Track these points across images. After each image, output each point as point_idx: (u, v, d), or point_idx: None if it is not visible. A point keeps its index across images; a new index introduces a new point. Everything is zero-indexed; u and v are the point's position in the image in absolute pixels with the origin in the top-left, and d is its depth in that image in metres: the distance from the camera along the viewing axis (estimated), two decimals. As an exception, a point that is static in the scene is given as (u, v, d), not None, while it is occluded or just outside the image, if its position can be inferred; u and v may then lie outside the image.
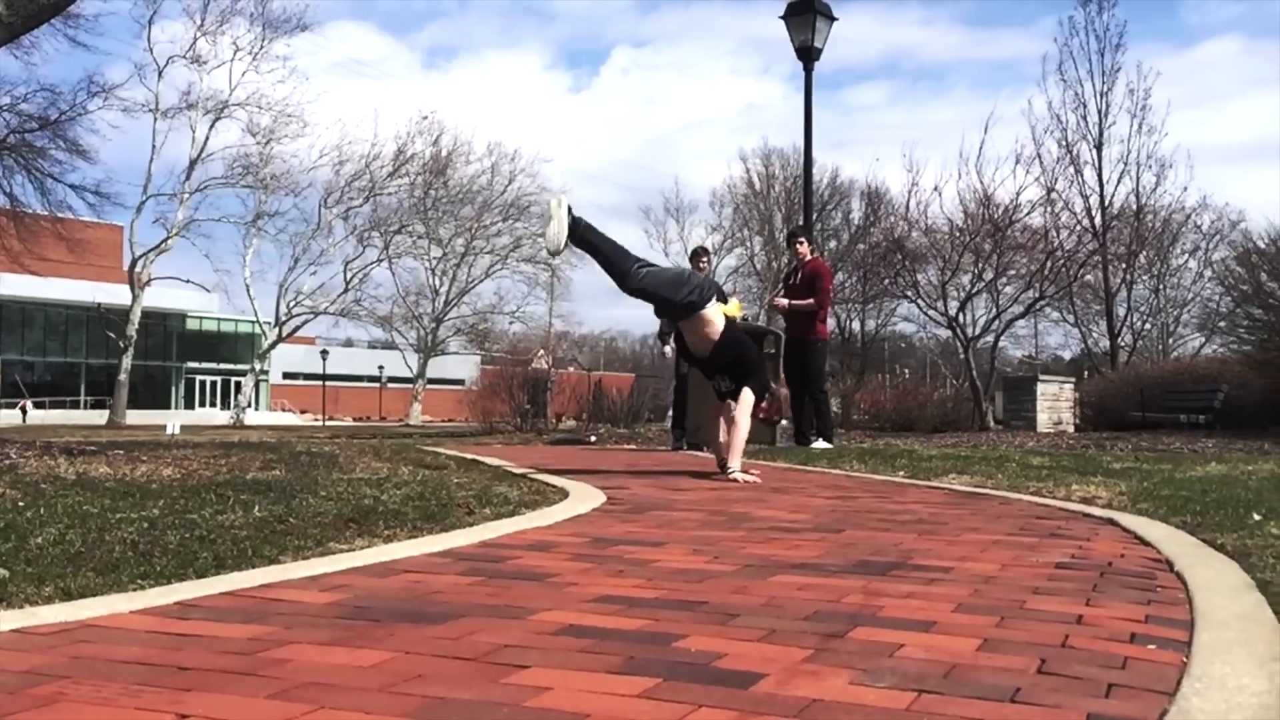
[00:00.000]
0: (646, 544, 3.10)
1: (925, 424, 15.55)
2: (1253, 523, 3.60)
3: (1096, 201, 27.25)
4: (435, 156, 44.41)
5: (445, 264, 46.90)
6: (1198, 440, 10.81)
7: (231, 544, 2.94)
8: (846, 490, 5.10)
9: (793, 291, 10.04)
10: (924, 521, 3.75)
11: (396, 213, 44.69)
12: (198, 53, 38.29)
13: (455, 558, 2.79)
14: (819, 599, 2.27)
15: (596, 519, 3.75)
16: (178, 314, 57.41)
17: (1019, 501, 4.56)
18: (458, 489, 4.61)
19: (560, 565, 2.68)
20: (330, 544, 3.01)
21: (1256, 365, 13.34)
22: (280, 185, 41.49)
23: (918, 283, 17.75)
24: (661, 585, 2.42)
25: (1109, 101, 27.89)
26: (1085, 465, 6.72)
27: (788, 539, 3.24)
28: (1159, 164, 27.95)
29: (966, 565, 2.75)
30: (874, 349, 44.49)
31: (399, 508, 3.81)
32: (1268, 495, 4.57)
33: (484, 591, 2.32)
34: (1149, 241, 29.10)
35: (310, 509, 3.67)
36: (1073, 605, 2.24)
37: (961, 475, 5.91)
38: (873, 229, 30.52)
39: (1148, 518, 3.84)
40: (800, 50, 12.29)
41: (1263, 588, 2.47)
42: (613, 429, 15.87)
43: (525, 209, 46.62)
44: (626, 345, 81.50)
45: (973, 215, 16.90)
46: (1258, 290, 13.31)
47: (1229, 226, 30.57)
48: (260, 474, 4.88)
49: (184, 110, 38.89)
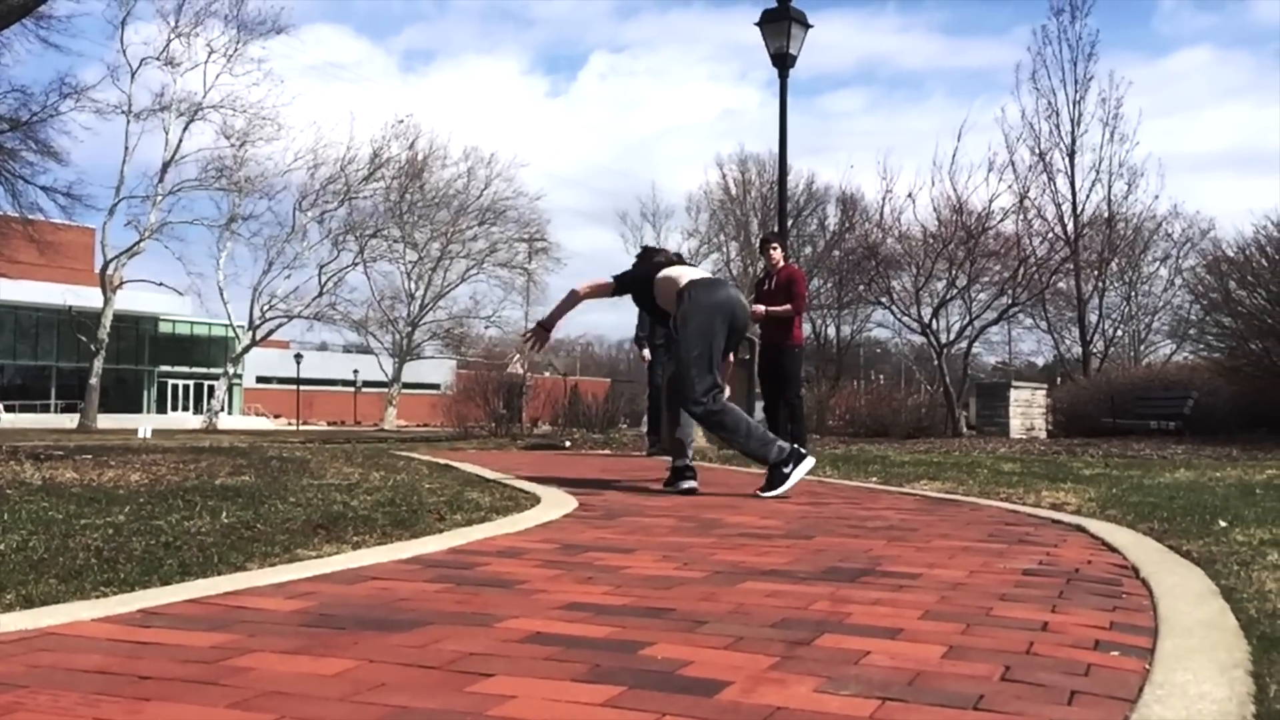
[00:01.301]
0: (616, 550, 3.10)
1: (899, 430, 15.62)
2: (1218, 529, 3.63)
3: (1069, 209, 27.51)
4: (411, 160, 44.26)
5: (421, 268, 46.72)
6: (1168, 446, 10.91)
7: (198, 550, 2.91)
8: (819, 496, 5.11)
9: (768, 297, 10.04)
10: (894, 528, 3.76)
11: (372, 216, 44.50)
12: (171, 54, 37.99)
13: (424, 564, 2.78)
14: (787, 606, 2.27)
15: (567, 525, 3.74)
16: (150, 317, 56.89)
17: (989, 508, 4.59)
18: (429, 495, 4.59)
19: (529, 572, 2.67)
20: (298, 551, 2.99)
21: (1225, 372, 13.48)
22: (254, 188, 41.23)
23: (891, 289, 17.84)
24: (630, 592, 2.42)
25: (1081, 110, 28.18)
26: (1056, 471, 6.77)
27: (758, 545, 3.25)
28: (1130, 172, 28.27)
29: (935, 572, 2.76)
30: (849, 354, 44.68)
31: (369, 514, 3.78)
32: (1234, 502, 4.61)
33: (451, 599, 2.31)
34: (1121, 249, 29.39)
35: (279, 515, 3.64)
36: (1038, 612, 2.25)
37: (933, 481, 5.94)
38: (848, 235, 30.69)
39: (1115, 524, 3.87)
40: (776, 57, 12.32)
41: (1226, 594, 2.49)
42: (588, 434, 15.84)
43: (501, 213, 46.58)
44: (603, 350, 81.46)
45: (946, 222, 17.01)
46: (1227, 299, 13.45)
47: (1199, 235, 30.89)
48: (229, 479, 4.84)
49: (157, 112, 38.58)
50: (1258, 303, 12.69)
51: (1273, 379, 12.10)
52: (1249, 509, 4.29)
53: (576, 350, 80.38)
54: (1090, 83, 28.27)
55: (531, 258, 48.28)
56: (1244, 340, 12.95)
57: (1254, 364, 12.60)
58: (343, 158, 42.35)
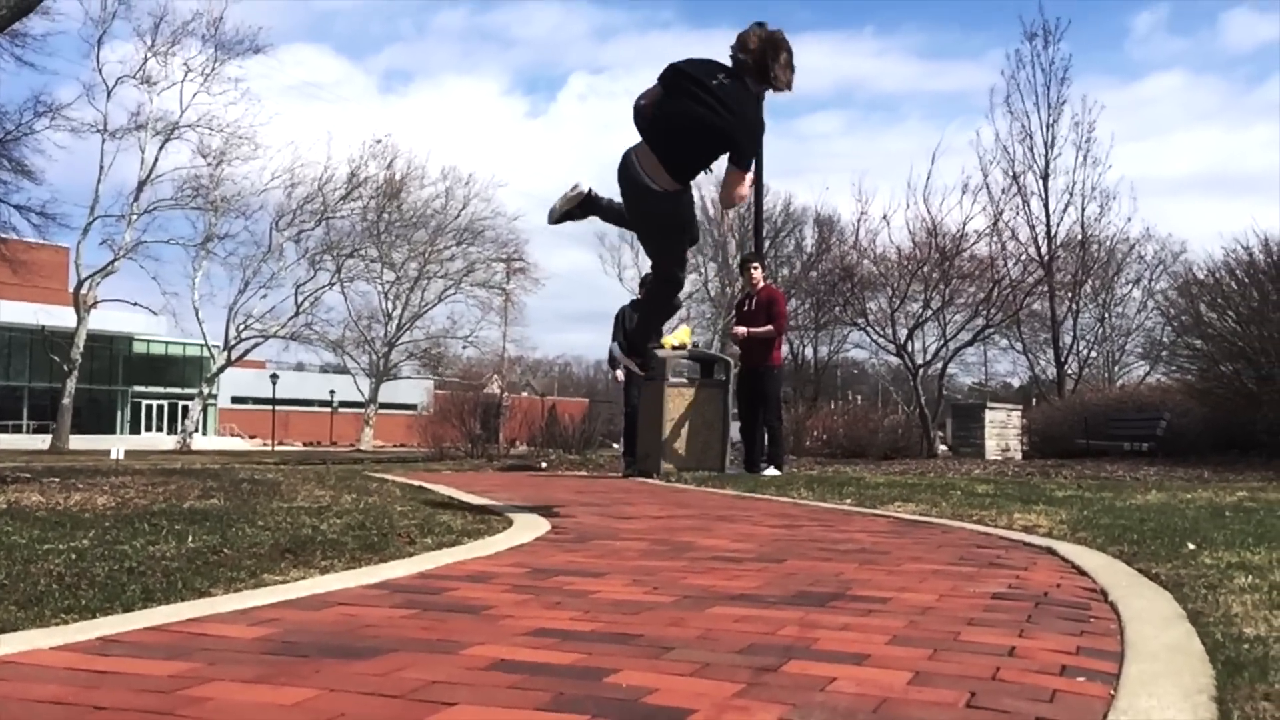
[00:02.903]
0: (587, 574, 3.08)
1: (876, 450, 15.65)
2: (1187, 552, 3.65)
3: (1043, 231, 27.70)
4: (389, 180, 44.24)
5: (398, 288, 46.66)
6: (1140, 468, 10.97)
7: (162, 576, 2.87)
8: (793, 519, 5.11)
9: (748, 318, 10.07)
10: (866, 551, 3.76)
11: (349, 236, 44.44)
12: (148, 74, 37.97)
13: (391, 590, 2.75)
14: (755, 631, 2.26)
15: (539, 548, 3.72)
16: (124, 337, 56.48)
17: (961, 530, 4.60)
18: (400, 517, 4.56)
19: (497, 597, 2.65)
20: (264, 575, 2.95)
21: (1197, 394, 13.59)
22: (231, 207, 41.17)
23: (867, 310, 17.92)
24: (598, 617, 2.40)
25: (1055, 133, 28.40)
26: (1029, 493, 6.79)
27: (729, 569, 3.24)
28: (1103, 195, 28.47)
29: (905, 596, 2.76)
30: (827, 375, 44.82)
31: (338, 537, 3.75)
32: (1203, 524, 4.64)
33: (417, 625, 2.28)
34: (1094, 271, 29.61)
35: (246, 539, 3.60)
36: (1006, 637, 2.25)
37: (907, 503, 5.95)
38: (825, 256, 30.85)
39: (1086, 546, 3.88)
40: (752, 80, 12.37)
41: (1193, 618, 2.50)
42: (564, 455, 15.81)
43: (479, 233, 46.60)
44: (581, 370, 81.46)
45: (921, 244, 17.13)
46: (1197, 321, 13.58)
47: (1172, 258, 31.19)
48: (198, 502, 4.79)
49: (133, 131, 38.52)
50: (1228, 325, 12.81)
51: (1243, 401, 12.22)
52: (1218, 531, 4.31)
53: (555, 370, 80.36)
54: (1063, 106, 28.55)
55: (509, 278, 48.33)
56: (1215, 362, 13.07)
57: (1225, 386, 12.71)
58: (320, 177, 42.34)
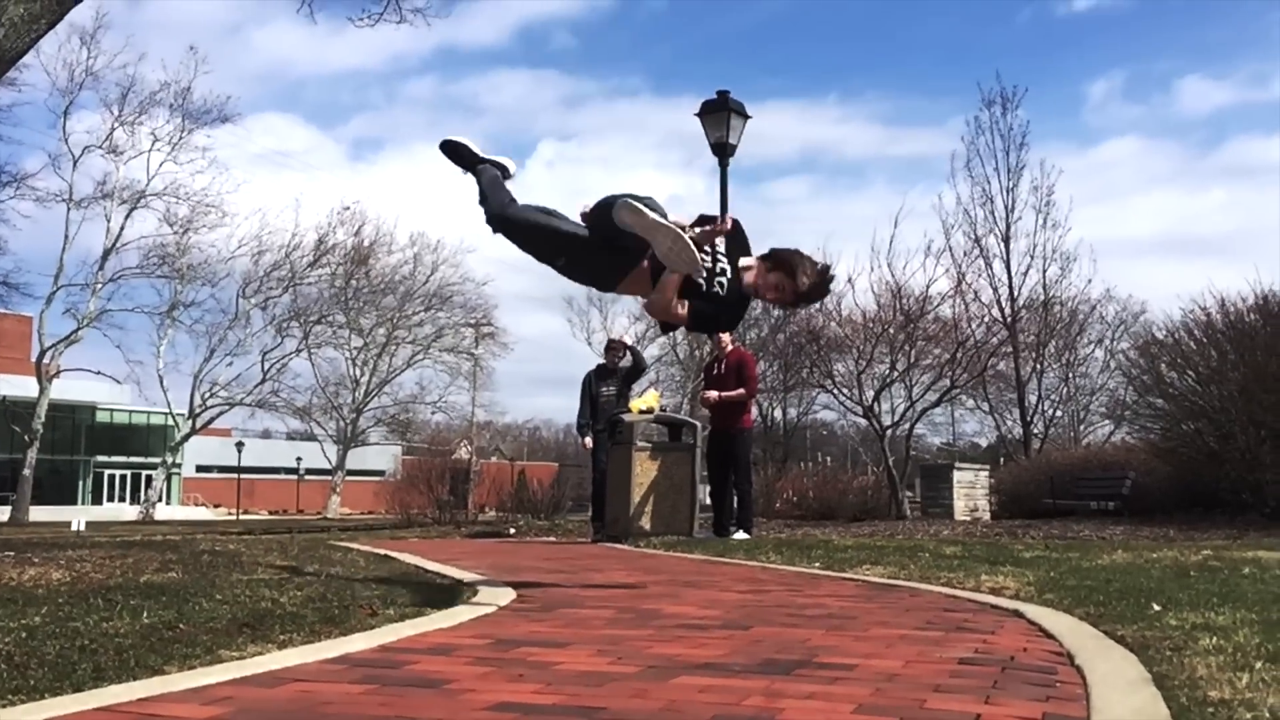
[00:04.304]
0: (551, 645, 3.03)
1: (845, 512, 15.64)
2: (1152, 613, 3.65)
3: (1005, 293, 28.06)
4: (357, 247, 44.25)
5: (366, 354, 46.44)
6: (1107, 527, 11.03)
7: (114, 654, 2.81)
8: (760, 584, 5.08)
9: (718, 382, 10.09)
10: (834, 616, 3.74)
11: (317, 303, 44.28)
12: (114, 143, 37.95)
13: (350, 664, 2.70)
14: (719, 701, 2.23)
15: (503, 619, 3.67)
16: (87, 406, 55.78)
17: (930, 593, 4.58)
18: (363, 588, 4.49)
19: (459, 670, 2.61)
20: (220, 651, 2.89)
21: (1161, 453, 13.71)
22: (197, 275, 40.98)
23: (834, 372, 18.03)
24: (561, 690, 2.36)
25: (1015, 197, 28.87)
26: (996, 554, 6.79)
27: (695, 637, 3.20)
28: (1064, 257, 28.91)
29: (871, 662, 2.73)
30: (796, 437, 44.85)
31: (298, 610, 3.68)
32: (1168, 585, 4.65)
33: (375, 701, 2.24)
34: (1057, 331, 29.98)
35: (203, 614, 3.53)
36: (972, 704, 2.23)
37: (875, 566, 5.93)
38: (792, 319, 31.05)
39: (1053, 609, 3.88)
40: (716, 146, 12.59)
41: (1159, 681, 2.49)
42: (533, 520, 15.69)
43: (448, 299, 46.58)
44: (550, 434, 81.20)
45: (885, 306, 17.30)
46: (1158, 381, 13.74)
47: (1132, 318, 31.69)
48: (155, 576, 4.70)
49: (99, 200, 38.38)
50: (1188, 384, 12.98)
51: (1206, 459, 12.33)
52: (1183, 592, 4.33)
53: (524, 435, 79.97)
54: (1023, 171, 29.07)
55: (478, 343, 48.28)
56: (1177, 421, 13.21)
57: (1187, 445, 12.83)
58: (288, 244, 42.26)
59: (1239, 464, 11.69)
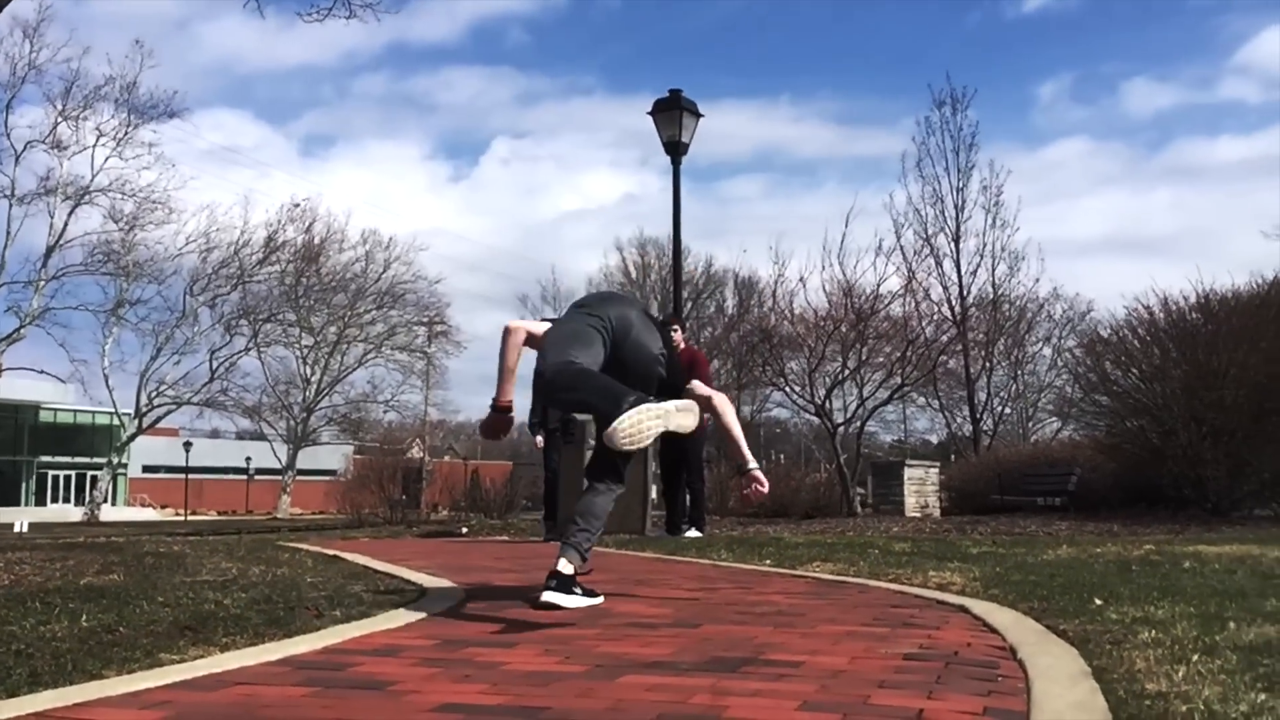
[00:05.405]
0: (498, 645, 3.02)
1: (798, 509, 15.71)
2: (1094, 607, 3.70)
3: (955, 291, 28.39)
4: (307, 244, 43.75)
5: (317, 352, 45.93)
6: (1053, 523, 11.18)
7: (51, 658, 2.75)
8: (711, 581, 5.09)
9: (667, 381, 10.09)
10: (782, 613, 3.75)
11: (266, 300, 43.71)
12: (58, 138, 37.17)
13: (294, 666, 2.67)
14: (665, 700, 2.23)
15: (451, 619, 3.64)
16: (30, 405, 54.67)
17: (878, 589, 4.62)
18: (310, 589, 4.44)
19: (404, 671, 2.58)
20: (161, 655, 2.84)
21: (1106, 450, 13.92)
22: (143, 273, 40.29)
23: (786, 371, 18.11)
24: (507, 690, 2.35)
25: (965, 197, 29.22)
26: (945, 550, 6.87)
27: (644, 635, 3.20)
28: (1012, 256, 29.33)
29: (818, 659, 2.75)
30: (750, 434, 44.99)
31: (242, 612, 3.63)
32: (1111, 579, 4.73)
33: (318, 704, 2.21)
34: (1006, 330, 30.38)
35: (144, 617, 3.47)
36: (915, 699, 2.25)
37: (825, 563, 5.97)
38: (745, 318, 31.21)
39: (997, 604, 3.92)
40: (668, 145, 12.60)
41: (1098, 674, 2.53)
42: (485, 520, 15.61)
43: (400, 297, 46.23)
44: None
45: (837, 305, 17.41)
46: (1103, 379, 13.95)
47: (1079, 317, 32.11)
48: (96, 578, 4.62)
49: (42, 196, 37.59)
50: (1132, 382, 13.19)
51: (1149, 455, 12.54)
52: (1124, 586, 4.40)
53: (477, 434, 79.54)
54: (972, 171, 29.43)
55: (431, 341, 47.96)
56: (1121, 419, 13.42)
57: (1131, 441, 13.04)
58: (237, 241, 41.70)
59: (1181, 460, 11.91)
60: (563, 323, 4.01)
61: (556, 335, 3.91)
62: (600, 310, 4.00)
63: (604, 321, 3.92)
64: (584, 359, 3.76)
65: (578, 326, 3.92)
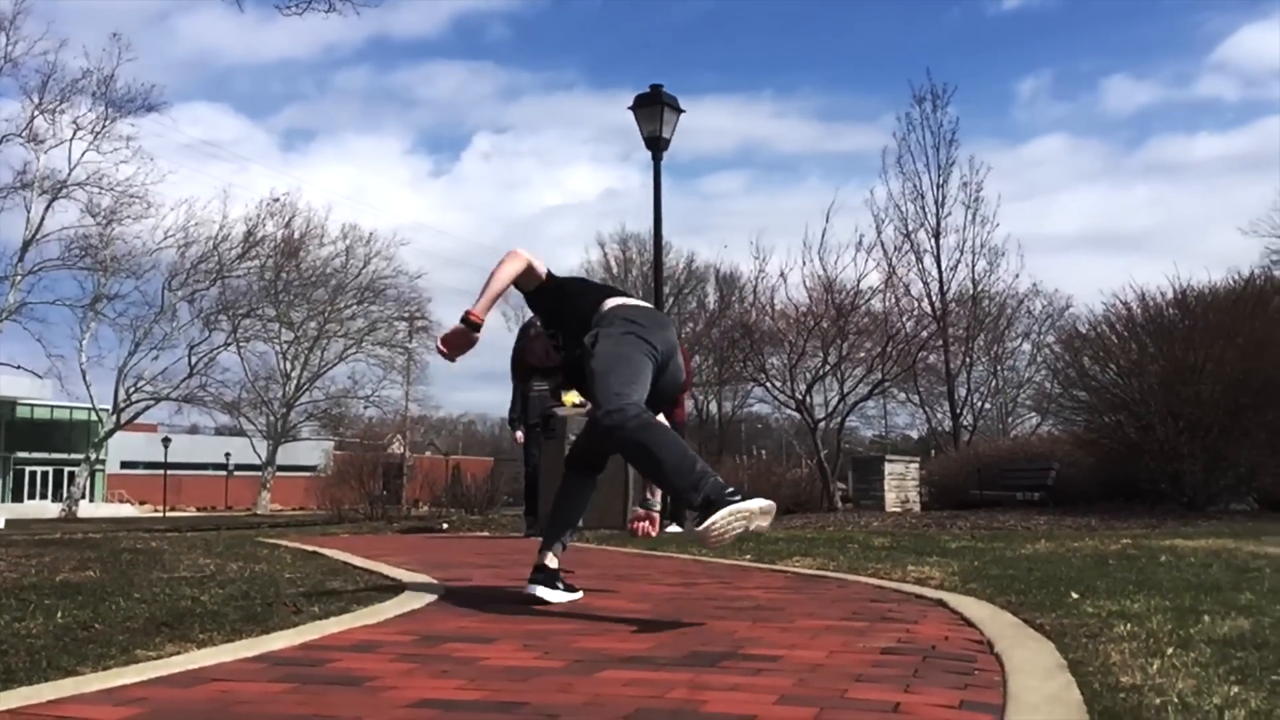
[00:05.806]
0: (477, 640, 3.01)
1: (779, 504, 15.76)
2: (1070, 601, 3.73)
3: (936, 287, 28.52)
4: (287, 239, 43.53)
5: (297, 347, 45.74)
6: (1032, 517, 11.25)
7: (25, 654, 2.73)
8: (691, 576, 5.10)
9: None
10: (761, 608, 3.76)
11: (246, 295, 43.46)
12: (35, 131, 36.82)
13: (271, 663, 2.65)
14: (644, 695, 2.23)
15: (430, 614, 3.64)
16: (7, 401, 54.20)
17: (857, 584, 4.64)
18: (288, 585, 4.42)
19: (381, 667, 2.58)
20: (137, 651, 2.82)
21: (1084, 445, 14.02)
22: (121, 267, 39.96)
23: (767, 366, 18.16)
24: (485, 686, 2.35)
25: (945, 193, 29.39)
26: (924, 545, 6.90)
27: (623, 630, 3.20)
28: (992, 252, 29.49)
29: (796, 653, 2.76)
30: (731, 430, 45.13)
31: (219, 608, 3.62)
32: (1087, 573, 4.76)
33: (294, 700, 2.20)
34: (985, 325, 30.54)
35: (120, 613, 3.45)
36: (892, 693, 2.26)
37: (805, 557, 5.99)
38: (726, 313, 31.24)
39: (975, 598, 3.94)
40: (649, 140, 12.61)
41: (1074, 668, 2.55)
42: (466, 515, 15.58)
43: (381, 292, 46.07)
44: (485, 429, 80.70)
45: (818, 300, 17.47)
46: (1081, 374, 14.04)
47: (1058, 313, 32.30)
48: (72, 575, 4.58)
49: (18, 190, 37.23)
50: (1109, 377, 13.28)
51: (1127, 450, 12.64)
52: (1101, 580, 4.43)
53: (459, 429, 79.44)
54: (952, 167, 29.60)
55: (412, 336, 47.81)
56: (1098, 414, 13.51)
57: (1109, 436, 13.14)
58: (216, 236, 41.43)
59: (1158, 455, 12.01)
60: (619, 342, 3.64)
61: (613, 359, 3.58)
62: (654, 338, 3.72)
63: (654, 350, 3.70)
64: (639, 396, 3.51)
65: (634, 355, 3.62)
